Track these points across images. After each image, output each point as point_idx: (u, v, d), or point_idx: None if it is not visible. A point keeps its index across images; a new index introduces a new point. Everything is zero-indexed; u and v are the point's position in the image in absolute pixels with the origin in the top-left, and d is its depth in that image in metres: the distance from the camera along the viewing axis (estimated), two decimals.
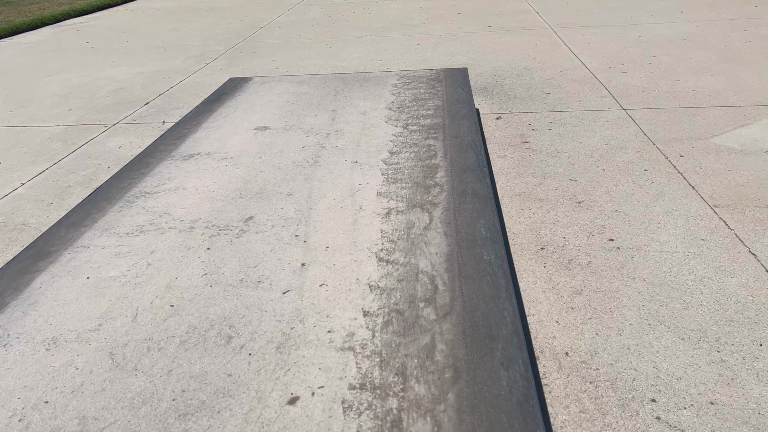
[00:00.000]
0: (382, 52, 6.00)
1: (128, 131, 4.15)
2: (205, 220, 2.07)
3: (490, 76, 4.90)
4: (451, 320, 1.51)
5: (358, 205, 2.11)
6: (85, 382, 1.39)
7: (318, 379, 1.35)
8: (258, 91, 3.60)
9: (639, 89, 4.33)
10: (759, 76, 4.46)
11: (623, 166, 3.06)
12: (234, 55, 6.35)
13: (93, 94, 5.17)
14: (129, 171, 2.52)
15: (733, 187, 2.77)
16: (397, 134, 2.75)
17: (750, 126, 3.48)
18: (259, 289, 1.68)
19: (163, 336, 1.52)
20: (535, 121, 3.78)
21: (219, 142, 2.79)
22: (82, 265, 1.86)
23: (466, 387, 1.31)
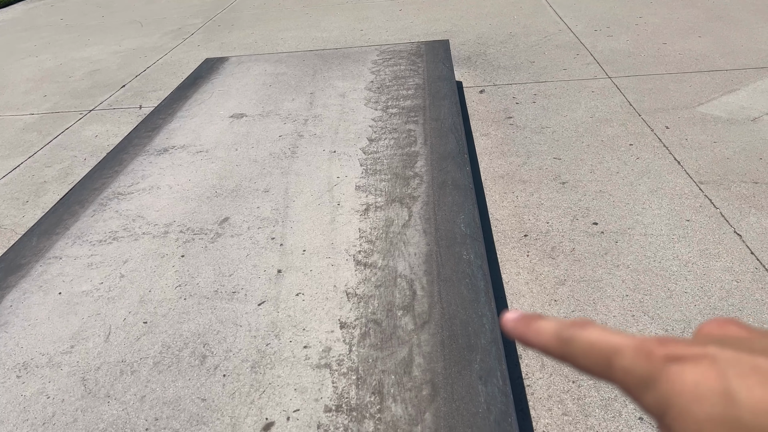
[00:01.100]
0: (364, 20, 5.86)
1: (105, 118, 4.06)
2: (179, 223, 2.02)
3: (473, 44, 4.80)
4: (429, 330, 1.48)
5: (336, 201, 2.06)
6: (56, 413, 1.36)
7: (293, 401, 1.33)
8: (234, 73, 3.51)
9: (625, 54, 4.24)
10: (747, 35, 4.38)
11: (608, 141, 3.01)
12: (212, 28, 6.20)
13: (68, 77, 5.04)
14: (102, 169, 2.46)
15: (719, 160, 2.73)
16: (376, 118, 2.69)
17: (737, 92, 3.42)
18: (234, 300, 1.65)
19: (137, 357, 1.49)
20: (519, 94, 3.71)
21: (194, 133, 2.72)
22: (53, 279, 1.81)
23: (444, 405, 1.29)
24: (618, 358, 0.28)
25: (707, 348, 0.26)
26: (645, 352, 0.28)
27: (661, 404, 0.26)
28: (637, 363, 0.28)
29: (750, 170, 2.63)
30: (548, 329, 0.32)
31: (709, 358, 0.26)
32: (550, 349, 0.32)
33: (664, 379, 0.26)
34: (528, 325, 0.33)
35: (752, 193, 2.47)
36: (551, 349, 0.32)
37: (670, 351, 0.27)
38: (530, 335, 0.33)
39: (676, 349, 0.27)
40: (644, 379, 0.27)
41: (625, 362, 0.28)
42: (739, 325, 0.30)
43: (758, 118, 3.10)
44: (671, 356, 0.27)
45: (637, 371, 0.28)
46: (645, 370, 0.27)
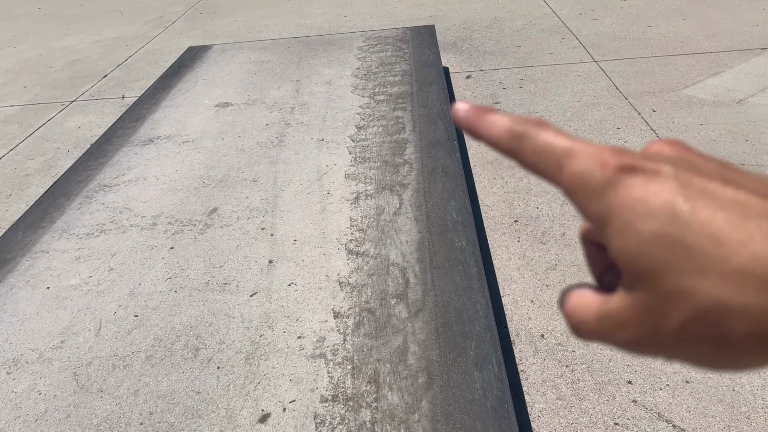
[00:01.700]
0: (348, 6, 5.82)
1: (87, 109, 4.00)
2: (167, 214, 2.00)
3: (459, 29, 4.77)
4: (424, 317, 1.48)
5: (326, 190, 2.05)
6: (49, 409, 1.34)
7: (289, 392, 1.32)
8: (218, 61, 3.46)
9: (610, 38, 4.24)
10: (730, 17, 4.39)
11: (596, 125, 3.01)
12: (194, 16, 6.12)
13: (48, 67, 4.96)
14: (87, 161, 2.42)
15: (706, 143, 2.74)
16: (364, 105, 2.67)
17: (722, 74, 3.43)
18: (225, 292, 1.63)
19: (129, 351, 1.47)
20: (506, 79, 3.70)
21: (179, 122, 2.69)
22: (41, 273, 1.79)
23: (440, 393, 1.29)
24: (570, 160, 0.28)
25: (662, 165, 0.27)
26: (599, 159, 0.27)
27: (605, 215, 0.27)
28: (590, 169, 0.27)
29: (737, 152, 2.65)
30: (502, 122, 0.31)
31: (663, 175, 0.26)
32: (501, 142, 0.31)
33: (614, 190, 0.26)
34: (480, 116, 0.32)
35: None
36: (502, 142, 0.31)
37: (625, 161, 0.27)
38: (482, 126, 0.32)
39: (631, 160, 0.27)
40: (593, 186, 0.27)
41: (577, 166, 0.28)
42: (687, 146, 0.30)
43: (743, 100, 3.12)
44: (625, 166, 0.27)
45: (587, 177, 0.27)
46: (596, 177, 0.27)
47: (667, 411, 1.55)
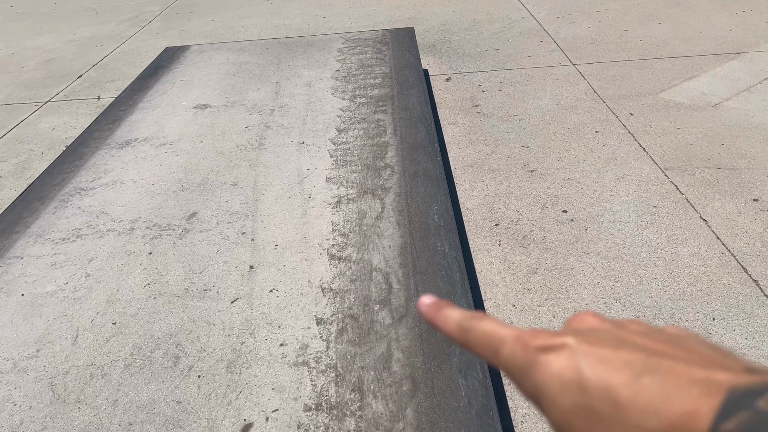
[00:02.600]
0: (326, 6, 5.80)
1: (61, 109, 3.93)
2: (145, 219, 1.97)
3: (438, 32, 4.78)
4: (407, 323, 1.47)
5: (307, 194, 2.03)
6: (24, 420, 1.31)
7: (272, 401, 1.30)
8: (196, 62, 3.42)
9: (588, 41, 4.28)
10: (705, 22, 4.46)
11: (574, 128, 3.03)
12: (170, 15, 6.05)
13: (21, 67, 4.87)
14: (62, 164, 2.37)
15: (683, 146, 2.78)
16: (344, 108, 2.65)
17: (698, 78, 3.48)
18: (205, 298, 1.61)
19: (107, 360, 1.44)
20: (485, 82, 3.71)
21: (157, 124, 2.65)
22: (15, 280, 1.75)
23: (425, 400, 1.28)
24: (502, 347, 0.33)
25: (566, 338, 0.31)
26: (522, 342, 0.32)
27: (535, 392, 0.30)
28: (516, 352, 0.32)
29: (713, 156, 2.68)
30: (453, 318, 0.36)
31: (568, 348, 0.30)
32: (454, 336, 0.36)
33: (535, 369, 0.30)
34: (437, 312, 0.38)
35: (716, 178, 2.52)
36: (454, 336, 0.36)
37: (540, 342, 0.31)
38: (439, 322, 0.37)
39: (544, 340, 0.31)
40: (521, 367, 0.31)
41: (507, 351, 0.32)
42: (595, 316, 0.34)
43: (719, 104, 3.16)
44: (540, 347, 0.31)
45: (515, 360, 0.32)
46: (521, 359, 0.31)
47: None
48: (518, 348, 0.32)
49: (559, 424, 0.29)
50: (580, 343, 0.30)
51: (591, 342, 0.30)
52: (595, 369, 0.28)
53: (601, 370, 0.28)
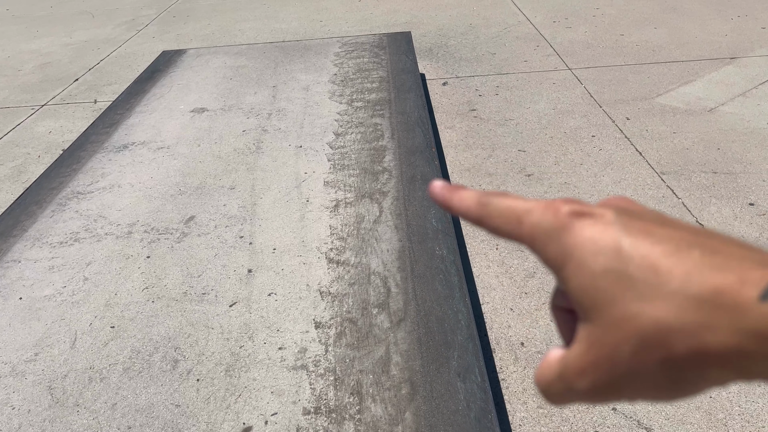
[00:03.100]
0: (323, 11, 5.81)
1: (58, 113, 3.92)
2: (143, 222, 1.97)
3: (434, 36, 4.79)
4: (406, 327, 1.48)
5: (305, 198, 2.04)
6: (23, 424, 1.31)
7: (271, 405, 1.31)
8: (193, 66, 3.43)
9: (584, 45, 4.30)
10: (700, 27, 4.48)
11: (571, 133, 3.04)
12: (167, 19, 6.05)
13: (17, 70, 4.86)
14: (59, 167, 2.37)
15: (679, 151, 2.79)
16: (341, 112, 2.66)
17: (693, 83, 3.50)
18: (204, 302, 1.61)
19: (105, 364, 1.44)
20: (481, 86, 3.72)
21: (154, 128, 2.65)
22: (13, 284, 1.74)
23: (424, 404, 1.29)
24: (528, 215, 0.32)
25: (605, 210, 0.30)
26: (553, 208, 0.31)
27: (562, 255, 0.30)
28: (545, 217, 0.31)
29: (709, 160, 2.70)
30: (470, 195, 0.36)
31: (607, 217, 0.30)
32: (471, 211, 0.35)
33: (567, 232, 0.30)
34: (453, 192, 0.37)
35: (712, 182, 2.53)
36: (471, 211, 0.35)
37: (576, 208, 0.31)
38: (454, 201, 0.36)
39: (580, 206, 0.31)
40: (550, 231, 0.31)
41: (534, 218, 0.32)
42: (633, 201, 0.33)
43: (714, 108, 3.18)
44: (576, 212, 0.30)
45: (544, 225, 0.31)
46: (551, 224, 0.31)
47: (646, 419, 1.57)
48: (548, 213, 0.31)
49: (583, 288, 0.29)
50: (620, 215, 0.30)
51: (632, 217, 0.30)
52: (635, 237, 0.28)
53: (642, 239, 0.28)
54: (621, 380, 0.28)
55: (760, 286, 0.24)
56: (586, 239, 0.29)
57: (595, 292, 0.28)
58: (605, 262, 0.28)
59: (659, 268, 0.27)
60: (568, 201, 0.31)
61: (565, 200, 0.31)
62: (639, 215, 0.30)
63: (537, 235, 0.31)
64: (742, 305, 0.24)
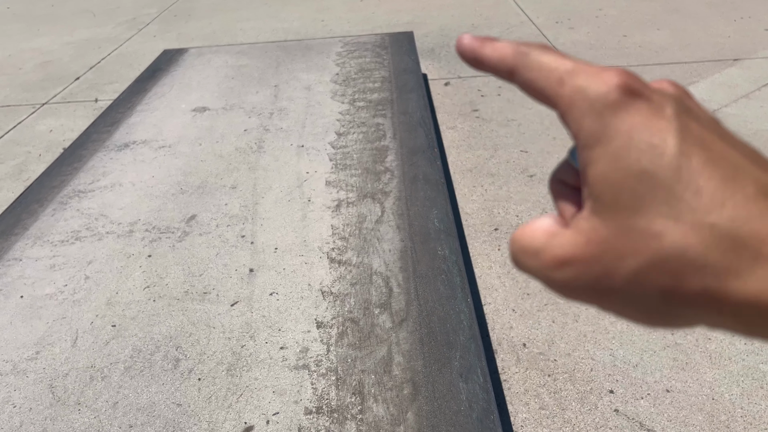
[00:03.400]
0: (324, 10, 5.80)
1: (59, 112, 3.92)
2: (144, 221, 1.96)
3: (436, 36, 4.79)
4: (408, 327, 1.47)
5: (307, 198, 2.03)
6: (24, 422, 1.31)
7: (272, 404, 1.30)
8: (194, 65, 3.42)
9: (587, 46, 4.29)
10: (703, 28, 4.47)
11: None
12: (168, 18, 6.05)
13: (18, 69, 4.86)
14: (60, 166, 2.37)
15: None
16: (343, 112, 2.65)
17: (697, 84, 3.49)
18: (205, 301, 1.61)
19: (106, 362, 1.44)
20: (484, 86, 3.72)
21: (155, 127, 2.64)
22: (14, 282, 1.74)
23: (426, 404, 1.28)
24: (572, 76, 0.27)
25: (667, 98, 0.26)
26: (605, 77, 0.27)
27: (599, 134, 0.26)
28: (593, 84, 0.27)
29: None
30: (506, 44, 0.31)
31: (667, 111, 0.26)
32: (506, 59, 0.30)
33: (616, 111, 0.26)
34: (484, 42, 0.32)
35: None
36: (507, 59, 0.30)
37: (632, 84, 0.26)
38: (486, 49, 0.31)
39: (639, 85, 0.26)
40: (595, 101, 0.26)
41: (580, 81, 0.27)
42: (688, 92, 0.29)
43: (717, 110, 3.17)
44: (632, 89, 0.26)
45: (590, 92, 0.27)
46: (599, 93, 0.26)
47: (648, 420, 1.56)
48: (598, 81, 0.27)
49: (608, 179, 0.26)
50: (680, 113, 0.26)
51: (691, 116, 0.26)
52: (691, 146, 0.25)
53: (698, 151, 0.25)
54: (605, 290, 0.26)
55: None
56: (635, 128, 0.25)
57: (622, 191, 0.25)
58: (648, 164, 0.25)
59: (705, 193, 0.24)
60: (625, 73, 0.27)
61: (621, 71, 0.27)
62: (697, 115, 0.27)
63: (577, 102, 0.27)
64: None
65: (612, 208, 0.25)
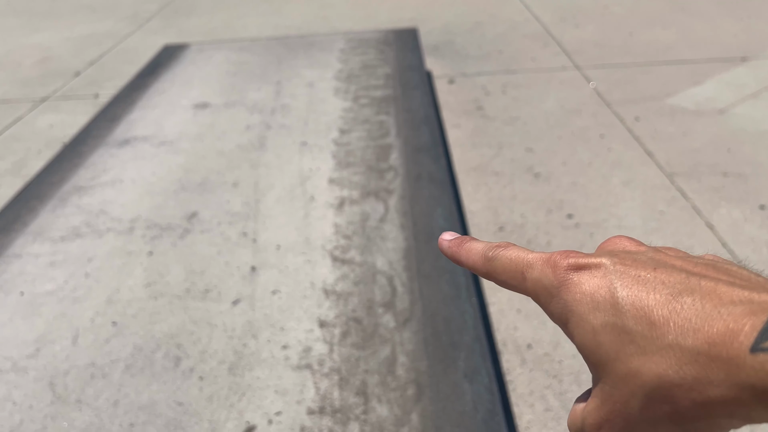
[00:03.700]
0: (327, 7, 5.77)
1: (59, 108, 3.90)
2: (145, 218, 1.94)
3: (440, 33, 4.76)
4: (412, 327, 1.45)
5: (309, 195, 2.01)
6: (24, 420, 1.29)
7: (275, 404, 1.28)
8: (196, 61, 3.40)
9: (592, 44, 4.26)
10: (710, 27, 4.45)
11: (579, 133, 3.01)
12: (169, 14, 6.02)
13: (17, 64, 4.83)
14: (60, 162, 2.35)
15: (688, 152, 2.76)
16: (347, 109, 2.63)
17: (703, 84, 3.46)
18: (207, 299, 1.59)
19: (107, 360, 1.42)
20: (488, 84, 3.69)
21: (156, 123, 2.62)
22: (14, 279, 1.72)
23: (430, 405, 1.26)
24: (530, 270, 0.33)
25: (600, 259, 0.30)
26: (551, 263, 0.32)
27: (564, 312, 0.31)
28: (546, 273, 0.32)
29: (719, 162, 2.67)
30: (477, 249, 0.37)
31: (602, 268, 0.30)
32: (478, 267, 0.36)
33: (566, 288, 0.30)
34: (460, 245, 0.38)
35: (722, 185, 2.50)
36: (478, 266, 0.36)
37: (572, 261, 0.31)
38: (462, 255, 0.38)
39: (576, 259, 0.31)
40: (550, 287, 0.31)
41: (535, 273, 0.32)
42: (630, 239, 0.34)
43: (725, 110, 3.15)
44: (572, 266, 0.31)
45: (544, 281, 0.32)
46: (551, 279, 0.31)
47: None
48: (548, 269, 0.32)
49: (586, 344, 0.29)
50: (615, 264, 0.30)
51: (627, 263, 0.30)
52: (630, 288, 0.28)
53: (636, 289, 0.28)
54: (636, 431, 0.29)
55: (751, 336, 0.24)
56: (584, 294, 0.29)
57: (599, 348, 0.29)
58: (603, 317, 0.28)
59: (655, 321, 0.26)
60: (566, 254, 0.32)
61: (563, 253, 0.32)
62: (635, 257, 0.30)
63: (539, 292, 0.32)
64: (735, 358, 0.24)
65: (601, 366, 0.29)
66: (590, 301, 0.29)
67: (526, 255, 0.34)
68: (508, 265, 0.34)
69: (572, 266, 0.31)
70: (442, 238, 0.40)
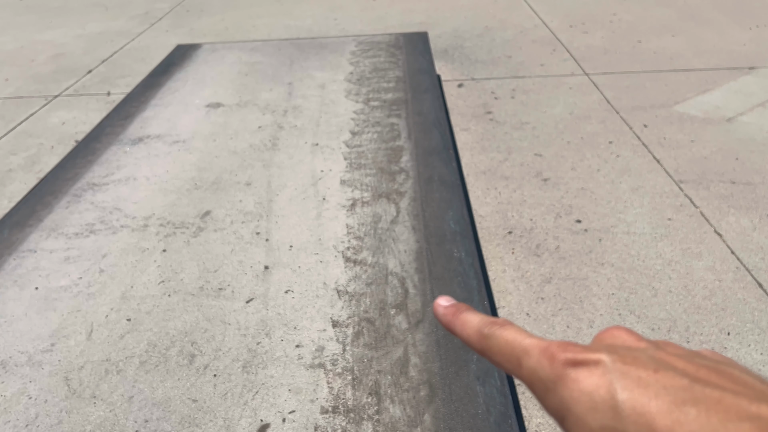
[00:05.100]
0: (337, 9, 5.79)
1: (71, 104, 3.92)
2: (159, 216, 1.96)
3: (450, 37, 4.78)
4: (424, 329, 1.46)
5: (321, 196, 2.02)
6: (39, 414, 1.30)
7: (288, 402, 1.29)
8: (208, 61, 3.42)
9: (601, 51, 4.28)
10: (719, 35, 4.45)
11: (588, 139, 3.03)
12: (180, 13, 6.05)
13: (30, 60, 4.86)
14: (74, 158, 2.36)
15: (697, 159, 2.77)
16: (358, 111, 2.65)
17: (712, 92, 3.47)
18: (220, 297, 1.60)
19: (122, 356, 1.43)
20: (497, 89, 3.71)
21: (169, 122, 2.64)
22: (29, 273, 1.74)
23: (443, 406, 1.27)
24: (526, 358, 0.32)
25: (599, 355, 0.29)
26: (548, 354, 0.31)
27: (561, 408, 0.29)
28: (542, 365, 0.31)
29: (727, 170, 2.68)
30: (472, 323, 0.35)
31: (602, 365, 0.29)
32: (472, 341, 0.35)
33: (563, 384, 0.29)
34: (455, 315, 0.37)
35: (730, 192, 2.51)
36: (472, 342, 0.35)
37: (570, 356, 0.30)
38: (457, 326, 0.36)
39: (575, 354, 0.30)
40: (546, 380, 0.30)
41: (531, 363, 0.31)
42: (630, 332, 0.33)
43: (733, 118, 3.16)
44: (570, 360, 0.30)
45: (540, 373, 0.31)
46: (547, 373, 0.30)
47: None
48: (544, 360, 0.31)
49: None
50: (615, 362, 0.29)
51: (627, 362, 0.29)
52: (631, 392, 0.27)
53: (638, 393, 0.27)
54: None
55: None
56: (582, 393, 0.28)
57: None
58: (602, 420, 0.27)
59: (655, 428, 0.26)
60: (564, 346, 0.31)
61: (562, 345, 0.31)
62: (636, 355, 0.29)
63: (534, 382, 0.31)
64: None
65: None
66: (588, 400, 0.28)
67: (522, 339, 0.33)
68: (504, 348, 0.33)
69: (570, 361, 0.30)
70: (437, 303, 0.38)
